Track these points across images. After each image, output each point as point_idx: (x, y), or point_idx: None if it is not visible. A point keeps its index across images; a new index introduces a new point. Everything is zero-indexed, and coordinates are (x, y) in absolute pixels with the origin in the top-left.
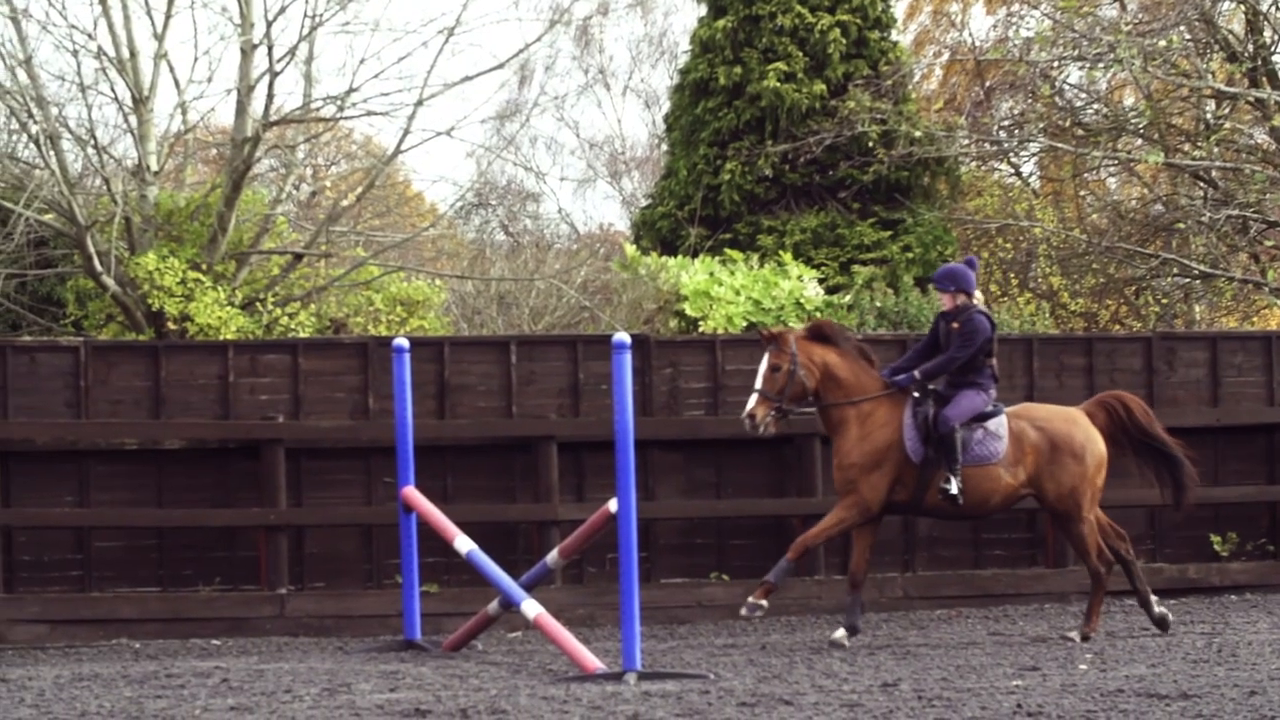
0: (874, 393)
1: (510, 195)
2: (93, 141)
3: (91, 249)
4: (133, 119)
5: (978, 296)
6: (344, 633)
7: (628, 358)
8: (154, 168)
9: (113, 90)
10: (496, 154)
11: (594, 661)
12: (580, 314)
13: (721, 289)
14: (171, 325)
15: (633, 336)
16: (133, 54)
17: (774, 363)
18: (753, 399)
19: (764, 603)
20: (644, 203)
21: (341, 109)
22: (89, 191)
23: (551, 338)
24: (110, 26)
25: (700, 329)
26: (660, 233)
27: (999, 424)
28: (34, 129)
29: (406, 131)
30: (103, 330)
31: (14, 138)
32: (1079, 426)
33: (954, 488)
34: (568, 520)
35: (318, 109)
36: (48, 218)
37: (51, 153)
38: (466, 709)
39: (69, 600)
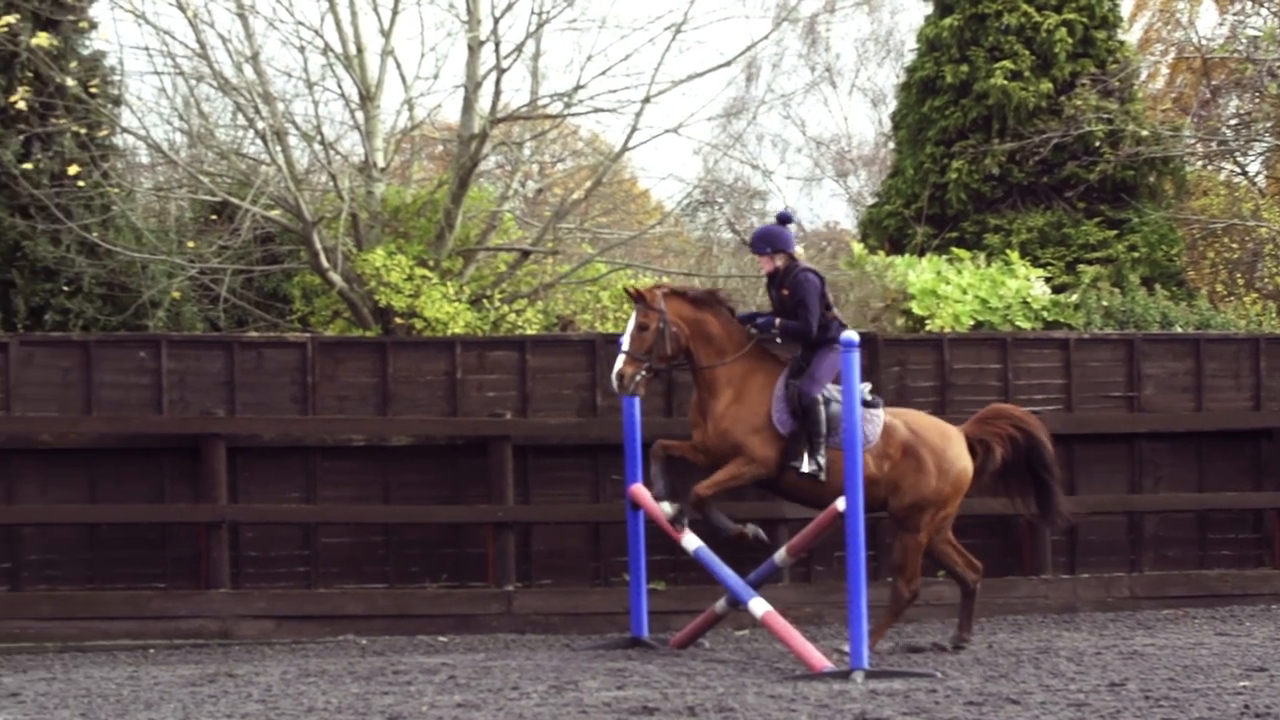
0: (744, 347)
1: (737, 193)
2: (319, 137)
3: (318, 245)
4: (359, 115)
5: (799, 253)
6: (571, 630)
7: (856, 356)
8: (381, 164)
9: (339, 86)
10: (723, 151)
11: (821, 660)
12: None
13: (948, 288)
14: (398, 321)
15: (860, 335)
16: (360, 50)
17: (641, 321)
18: (620, 359)
19: (750, 528)
20: (870, 201)
21: (568, 106)
22: (315, 187)
23: None
24: (337, 23)
25: (927, 327)
26: (887, 231)
27: (874, 415)
28: (261, 125)
29: (634, 129)
30: (329, 326)
31: (241, 133)
32: (953, 445)
33: (805, 465)
34: (795, 518)
35: (544, 106)
36: (274, 214)
37: (278, 149)
38: (694, 706)
39: (296, 596)
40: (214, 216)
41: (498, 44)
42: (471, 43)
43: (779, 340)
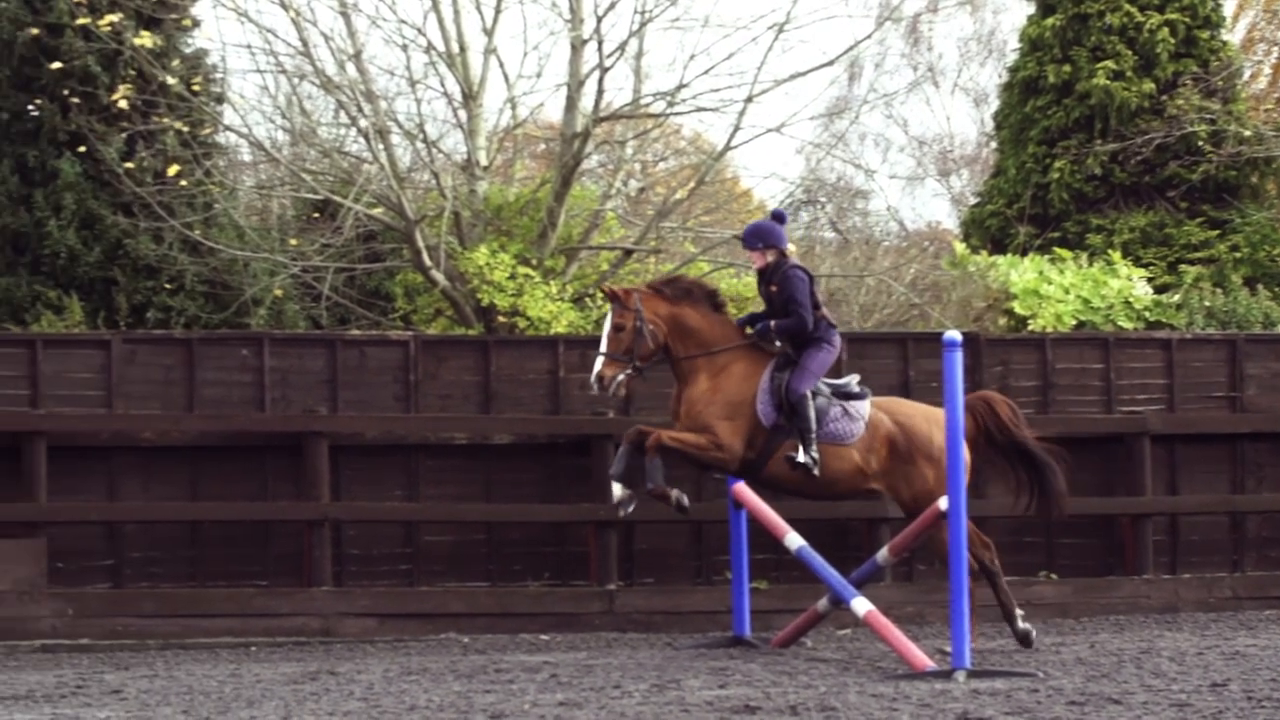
0: (732, 343)
1: (839, 192)
2: (422, 136)
3: (420, 243)
4: (462, 114)
5: (790, 249)
6: (673, 629)
7: (959, 355)
8: (483, 162)
9: (442, 85)
10: (826, 151)
11: (923, 659)
12: (909, 312)
13: (1051, 287)
14: (501, 320)
15: (963, 334)
16: (462, 49)
17: (617, 322)
18: (599, 362)
19: (672, 494)
20: (973, 200)
21: (671, 105)
22: (418, 186)
23: (882, 335)
24: (440, 21)
25: (1029, 327)
26: (989, 231)
27: (860, 408)
28: (363, 123)
29: (736, 128)
30: (431, 324)
31: (343, 132)
32: (940, 428)
33: (801, 456)
34: (898, 517)
35: (647, 105)
36: (376, 212)
37: (381, 147)
38: (796, 706)
39: (398, 594)
40: (316, 214)
41: (600, 43)
42: (574, 41)
43: (777, 343)
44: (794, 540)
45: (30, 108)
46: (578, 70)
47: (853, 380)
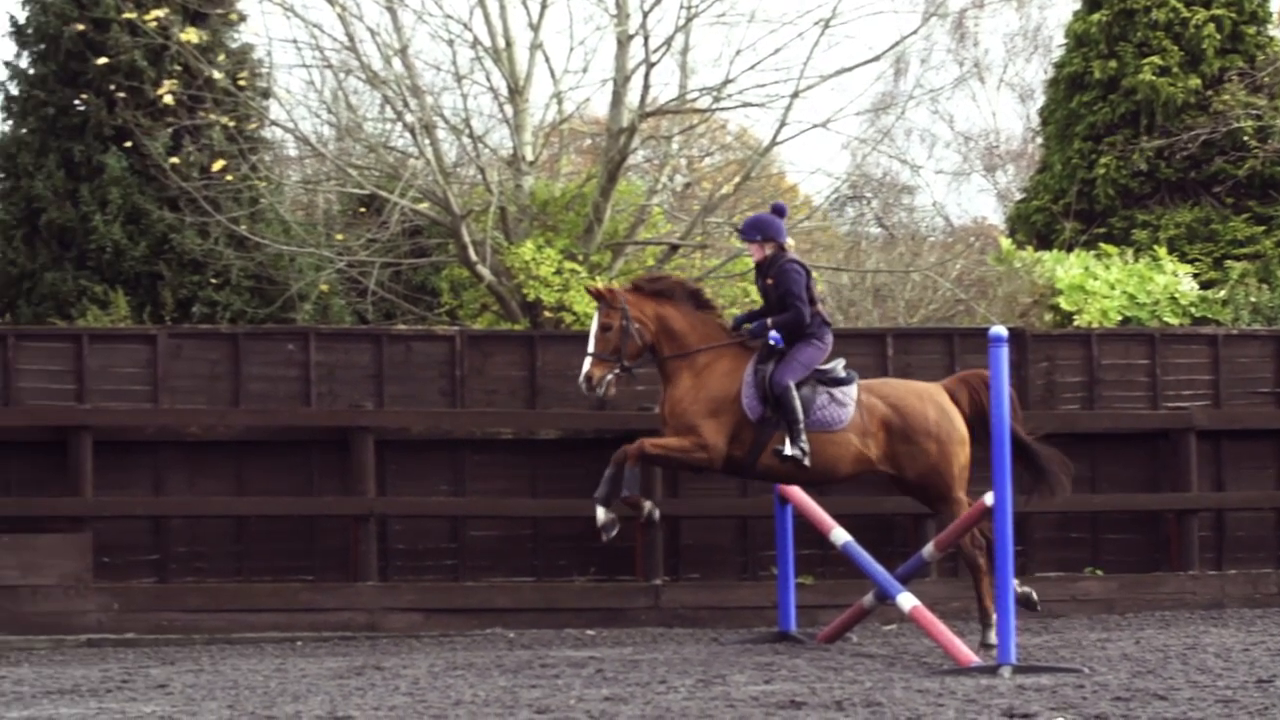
0: (717, 341)
1: (885, 187)
2: (468, 131)
3: (466, 238)
4: (508, 108)
5: (789, 244)
6: (718, 624)
7: (1005, 351)
8: (529, 157)
9: (488, 80)
10: (872, 146)
11: (969, 654)
12: (955, 307)
13: (1096, 283)
14: (547, 314)
15: (1009, 330)
16: (508, 44)
17: (604, 322)
18: (586, 362)
19: (647, 504)
20: (1018, 196)
21: (717, 100)
22: (464, 181)
23: (928, 330)
24: (486, 16)
25: (1075, 323)
26: (1035, 226)
27: (847, 392)
28: (409, 118)
29: (782, 123)
30: (477, 319)
31: (389, 127)
32: (933, 403)
33: (789, 449)
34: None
35: (693, 100)
36: (422, 206)
37: (427, 142)
38: (841, 701)
39: (443, 589)
40: (362, 209)
41: (646, 38)
42: (620, 36)
43: (772, 341)
44: (840, 535)
45: (77, 102)
46: (624, 65)
47: (838, 365)
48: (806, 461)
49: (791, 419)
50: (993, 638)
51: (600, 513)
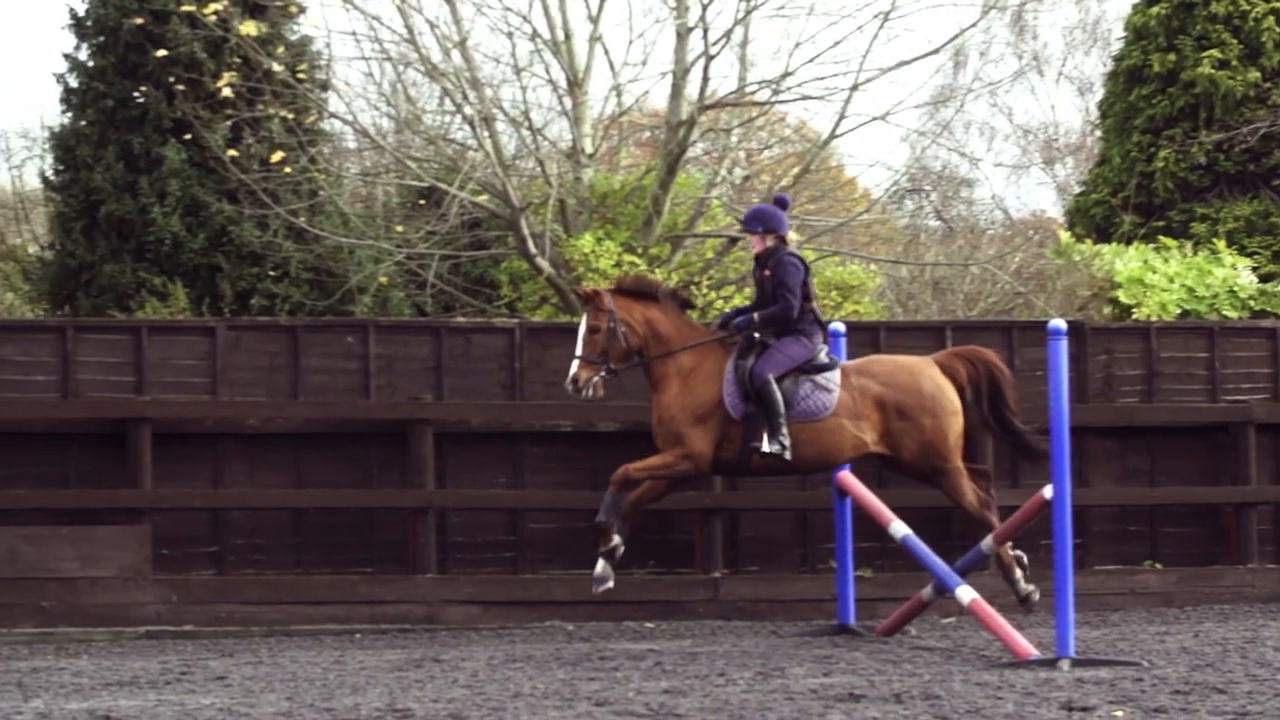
0: (699, 340)
1: (944, 180)
2: (527, 123)
3: (526, 230)
4: (567, 101)
5: (791, 238)
6: (777, 617)
7: (1064, 344)
8: (589, 150)
9: (547, 72)
10: (931, 139)
11: (1028, 647)
12: (1014, 300)
13: (1155, 276)
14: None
15: (1068, 323)
16: (568, 36)
17: (592, 324)
18: (574, 364)
19: (615, 539)
20: (1077, 189)
21: (776, 93)
22: (523, 173)
23: (986, 323)
24: (545, 9)
25: (1134, 316)
26: (1094, 219)
27: (829, 378)
28: (469, 111)
29: (841, 116)
30: (536, 312)
31: (448, 119)
32: (925, 376)
33: (767, 446)
34: (1002, 506)
35: (752, 93)
36: (482, 199)
37: (486, 134)
38: (900, 694)
39: (502, 582)
40: (421, 201)
41: (706, 30)
42: (680, 29)
43: (757, 336)
44: (899, 528)
45: (136, 95)
46: (683, 58)
47: (820, 353)
48: (787, 456)
49: (771, 412)
50: (1023, 587)
51: (599, 565)
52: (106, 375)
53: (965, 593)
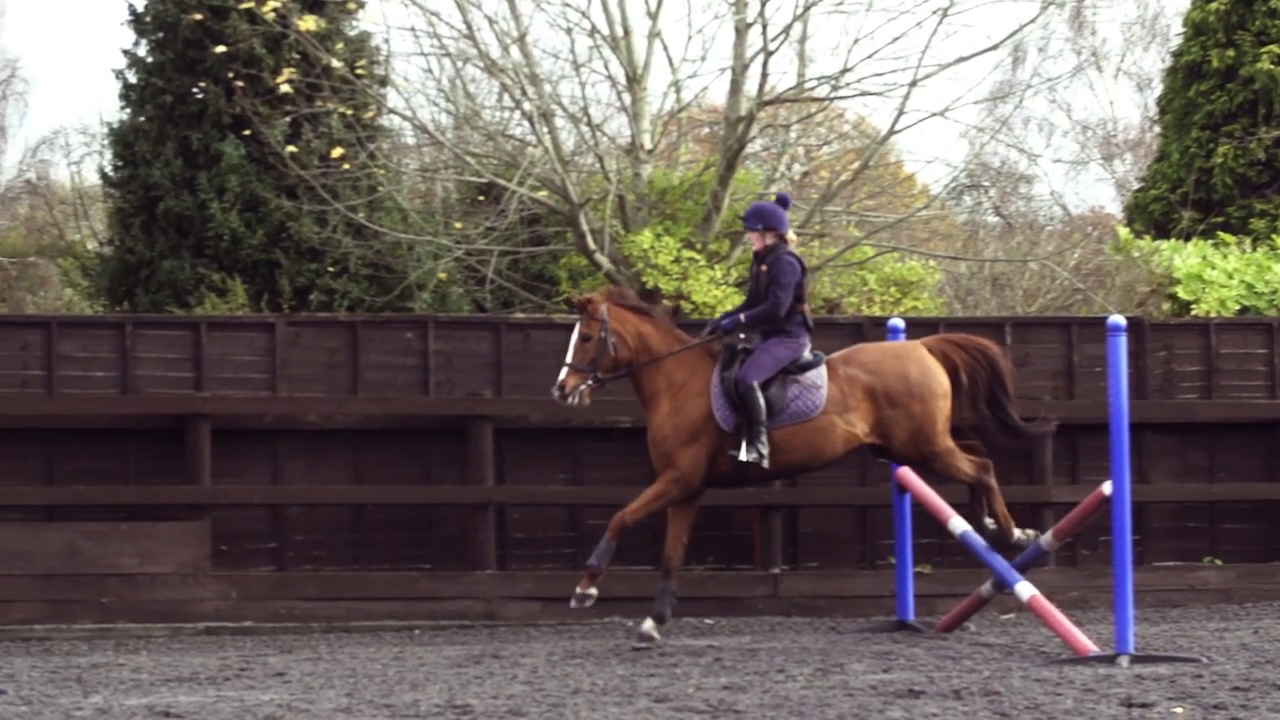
0: (691, 359)
1: (1003, 176)
2: (586, 119)
3: (585, 226)
4: (626, 97)
5: (791, 237)
6: (836, 613)
7: (1123, 340)
8: (648, 146)
9: (606, 68)
10: (990, 135)
11: (1087, 644)
12: (1073, 296)
13: (1214, 272)
14: (666, 303)
15: (1127, 319)
16: (626, 32)
17: (584, 332)
18: (563, 372)
19: (592, 590)
20: (1136, 185)
21: (835, 89)
22: (582, 169)
23: (1046, 319)
24: (604, 5)
25: (1193, 312)
26: (1152, 216)
27: (816, 375)
28: (527, 106)
29: (901, 112)
30: None
31: (507, 115)
32: (913, 361)
33: (744, 454)
34: (1061, 502)
35: (811, 89)
36: (541, 195)
37: (545, 130)
38: (959, 690)
39: (562, 578)
40: (480, 197)
41: (765, 26)
42: (738, 25)
43: (742, 336)
44: (958, 524)
45: (195, 90)
46: (742, 54)
47: (805, 351)
48: (765, 464)
49: (752, 419)
50: (1017, 535)
51: (648, 624)
52: (166, 371)
53: (1024, 589)
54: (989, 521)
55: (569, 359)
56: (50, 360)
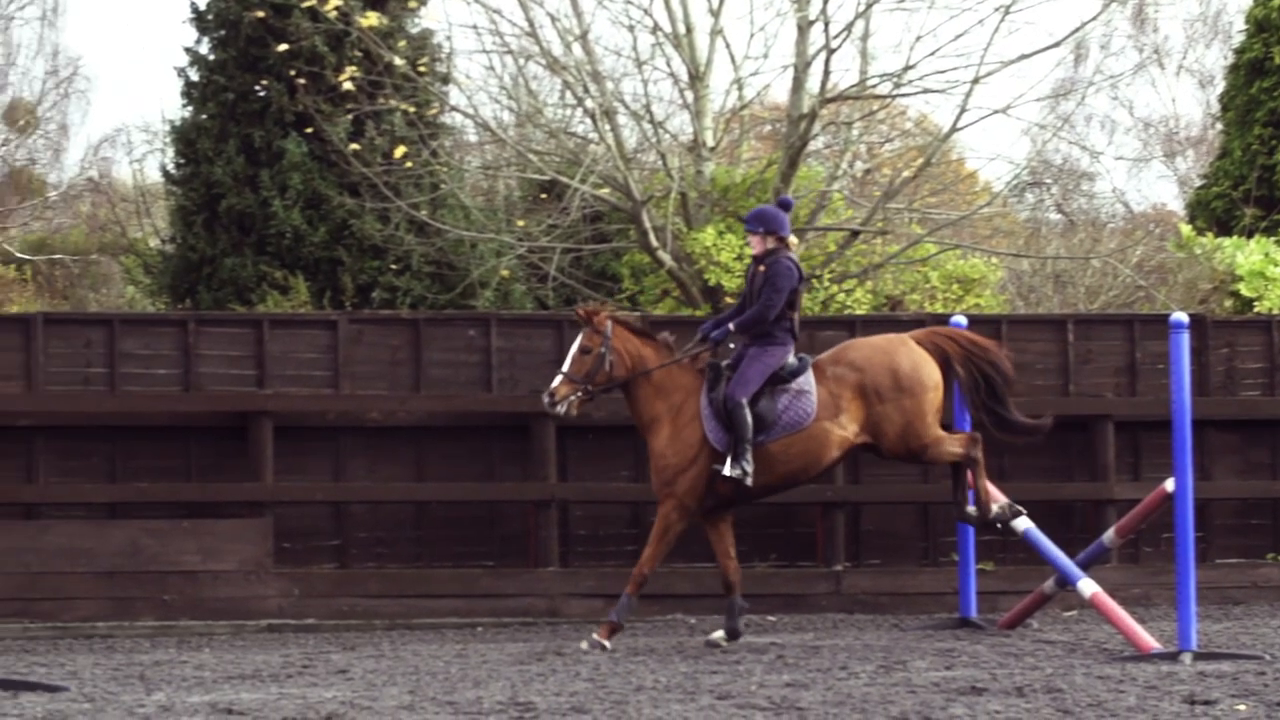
0: (684, 386)
1: (1065, 174)
2: (648, 116)
3: (647, 224)
4: (689, 94)
5: (791, 241)
6: (899, 610)
7: (1185, 337)
8: (710, 143)
9: (668, 66)
10: (1052, 132)
11: (1150, 641)
12: (1135, 293)
13: (1277, 270)
14: (729, 300)
15: (1189, 316)
16: (689, 30)
17: (585, 345)
18: (556, 379)
19: (607, 643)
20: (1198, 183)
21: (897, 86)
22: (644, 166)
23: (1108, 316)
24: (666, 2)
25: (1255, 309)
26: (1215, 213)
27: (804, 380)
28: (589, 104)
29: (963, 109)
30: (658, 305)
31: (569, 112)
32: (901, 354)
33: (729, 470)
34: (1124, 499)
35: (873, 86)
36: (603, 192)
37: (607, 127)
38: (1022, 687)
39: (624, 575)
40: (543, 195)
41: (827, 24)
42: (800, 22)
43: (731, 345)
44: (1021, 522)
45: (257, 88)
46: (804, 51)
47: (789, 356)
48: (748, 482)
49: (739, 436)
50: (995, 509)
51: (719, 634)
52: (228, 369)
53: (1087, 586)
54: (971, 510)
55: (565, 368)
56: (113, 358)
